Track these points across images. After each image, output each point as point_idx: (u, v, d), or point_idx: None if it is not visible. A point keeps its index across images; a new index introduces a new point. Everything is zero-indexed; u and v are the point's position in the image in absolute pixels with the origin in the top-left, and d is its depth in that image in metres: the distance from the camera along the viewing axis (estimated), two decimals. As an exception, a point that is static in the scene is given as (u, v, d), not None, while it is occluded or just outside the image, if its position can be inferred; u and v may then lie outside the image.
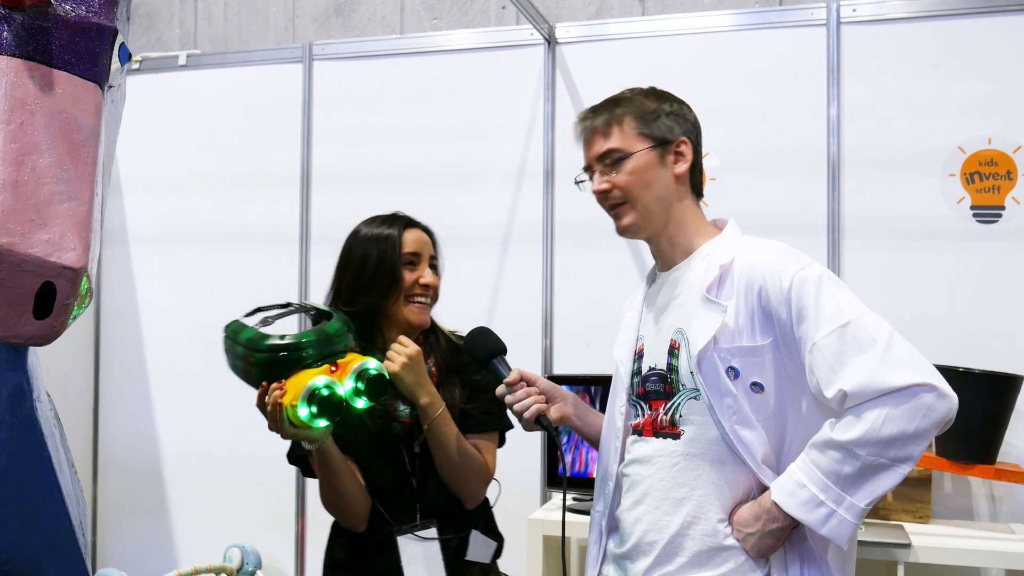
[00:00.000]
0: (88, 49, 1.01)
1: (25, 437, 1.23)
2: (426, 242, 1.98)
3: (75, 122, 0.98)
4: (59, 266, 0.93)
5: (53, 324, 0.96)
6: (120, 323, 3.74)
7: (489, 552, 1.96)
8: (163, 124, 3.68)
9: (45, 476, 1.25)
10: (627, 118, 1.64)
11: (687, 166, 1.64)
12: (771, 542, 1.51)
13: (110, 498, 3.76)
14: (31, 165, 0.92)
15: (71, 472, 1.39)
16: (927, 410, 1.39)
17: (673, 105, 1.67)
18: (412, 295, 1.93)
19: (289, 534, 3.49)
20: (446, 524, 1.90)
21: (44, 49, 0.97)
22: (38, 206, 0.92)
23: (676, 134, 1.64)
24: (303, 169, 3.52)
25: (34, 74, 0.95)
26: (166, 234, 3.69)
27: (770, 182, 3.02)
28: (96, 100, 1.01)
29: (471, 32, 3.42)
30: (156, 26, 4.01)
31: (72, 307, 0.96)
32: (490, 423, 1.96)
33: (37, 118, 0.94)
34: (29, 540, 1.25)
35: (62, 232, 0.93)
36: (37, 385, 1.27)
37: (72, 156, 0.96)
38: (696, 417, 1.55)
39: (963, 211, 2.87)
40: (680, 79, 3.12)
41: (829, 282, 1.50)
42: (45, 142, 0.94)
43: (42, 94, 0.95)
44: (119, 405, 3.74)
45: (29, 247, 0.91)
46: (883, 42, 2.96)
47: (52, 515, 1.27)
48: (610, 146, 1.64)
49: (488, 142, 3.32)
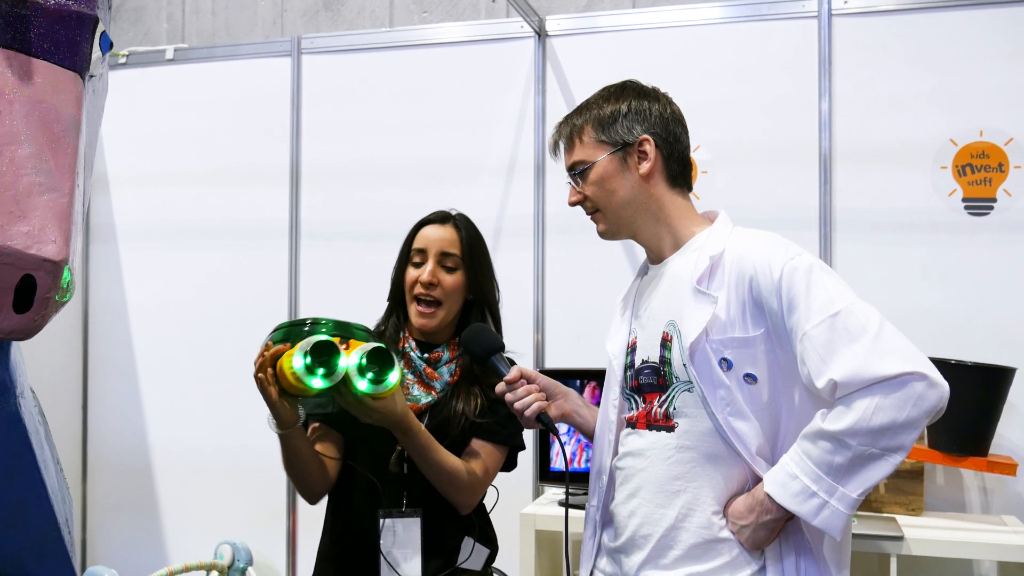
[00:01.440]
0: (68, 38, 0.98)
1: (8, 434, 1.21)
2: (438, 239, 1.91)
3: (55, 112, 0.96)
4: (39, 259, 0.91)
5: (34, 318, 0.94)
6: (109, 319, 3.71)
7: (481, 560, 1.93)
8: (151, 119, 3.66)
9: (29, 473, 1.23)
10: (586, 127, 1.65)
11: (651, 165, 1.62)
12: (765, 534, 1.50)
13: (99, 495, 3.73)
14: (9, 156, 0.90)
15: (56, 469, 1.37)
16: (918, 399, 1.38)
17: (633, 103, 1.64)
18: (413, 294, 1.90)
19: (280, 530, 3.48)
20: (432, 516, 1.87)
21: (23, 37, 0.95)
22: (17, 197, 0.90)
23: (636, 134, 1.62)
24: (292, 164, 3.50)
25: (12, 63, 0.93)
26: (154, 230, 3.67)
27: (762, 175, 3.02)
28: (77, 90, 0.99)
29: (461, 25, 3.41)
30: (143, 20, 3.97)
31: (53, 300, 0.95)
32: (500, 436, 1.92)
33: (16, 108, 0.92)
34: (13, 539, 1.23)
35: (42, 224, 0.91)
36: (20, 381, 1.25)
37: (52, 147, 0.94)
38: (690, 409, 1.54)
39: (955, 203, 2.87)
40: (671, 72, 3.13)
41: (820, 272, 1.49)
42: (24, 132, 0.92)
43: (21, 83, 0.93)
44: (108, 402, 3.72)
45: (8, 239, 0.89)
46: (874, 34, 2.96)
47: (37, 513, 1.25)
48: (574, 159, 1.67)
49: (479, 136, 3.31)
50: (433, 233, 1.92)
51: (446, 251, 1.91)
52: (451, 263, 1.92)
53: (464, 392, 1.90)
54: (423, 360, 1.92)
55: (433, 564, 1.85)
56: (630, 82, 1.70)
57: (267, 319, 3.45)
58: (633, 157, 1.62)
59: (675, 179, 1.66)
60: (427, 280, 1.88)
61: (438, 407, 1.90)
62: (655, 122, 1.64)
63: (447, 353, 1.93)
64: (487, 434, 1.90)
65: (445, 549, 1.89)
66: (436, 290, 1.89)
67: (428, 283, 1.88)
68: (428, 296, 1.89)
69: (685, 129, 1.69)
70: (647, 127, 1.63)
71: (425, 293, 1.89)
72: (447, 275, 1.90)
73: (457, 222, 1.96)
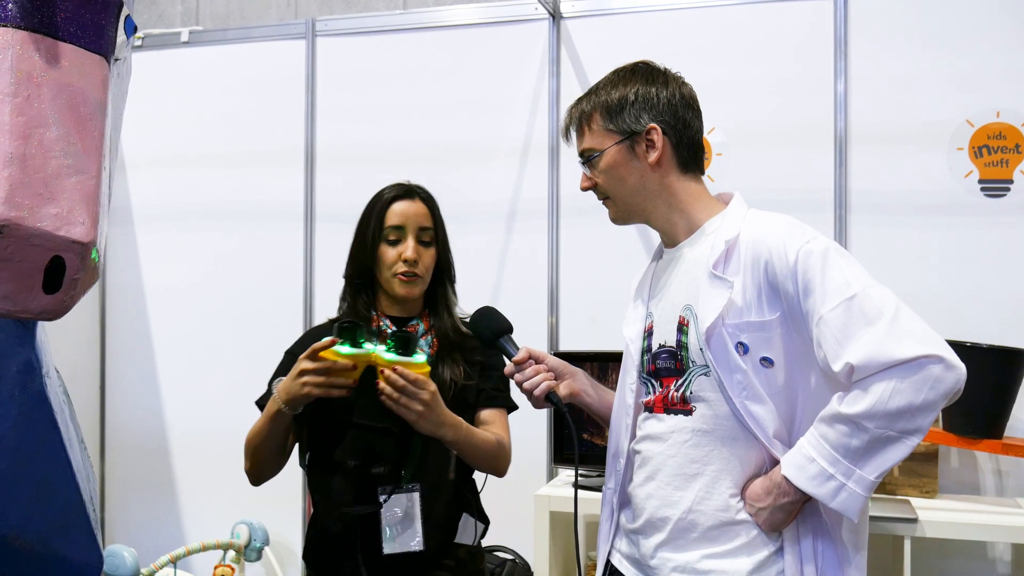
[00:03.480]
0: (93, 21, 0.99)
1: (35, 413, 1.23)
2: (415, 214, 1.92)
3: (82, 95, 0.96)
4: (68, 240, 0.92)
5: (63, 299, 0.95)
6: (126, 301, 3.74)
7: (476, 534, 1.96)
8: (166, 101, 3.66)
9: (55, 452, 1.25)
10: (595, 115, 1.65)
11: (658, 154, 1.61)
12: (783, 516, 1.51)
13: (117, 475, 3.77)
14: (38, 138, 0.91)
15: (81, 448, 1.39)
16: (935, 381, 1.38)
17: (640, 90, 1.63)
18: (395, 270, 1.90)
19: (296, 510, 3.51)
20: (430, 492, 1.88)
21: (49, 21, 0.95)
22: (46, 180, 0.91)
23: (644, 122, 1.61)
24: (307, 146, 3.51)
25: (40, 46, 0.94)
26: (170, 212, 3.69)
27: (776, 157, 3.01)
28: (103, 73, 0.99)
29: (475, 7, 3.40)
30: (158, 2, 3.98)
31: (81, 281, 0.96)
32: (500, 399, 1.97)
33: (43, 91, 0.93)
34: (40, 516, 1.25)
35: (70, 206, 0.92)
36: (46, 361, 1.27)
37: (79, 129, 0.95)
38: (707, 393, 1.55)
39: (971, 185, 2.86)
40: (686, 53, 3.11)
41: (835, 255, 1.49)
42: (52, 115, 0.93)
43: (48, 67, 0.94)
44: (126, 383, 3.75)
45: (38, 221, 0.90)
46: (890, 15, 2.94)
47: (63, 491, 1.27)
48: (584, 146, 1.68)
49: (493, 118, 3.31)
50: (408, 209, 1.92)
51: (423, 226, 1.93)
52: (427, 237, 1.93)
53: (448, 360, 1.93)
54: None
55: (432, 539, 1.87)
56: (640, 64, 1.69)
57: (282, 301, 3.50)
58: (641, 146, 1.62)
59: (686, 165, 1.65)
60: (412, 257, 1.89)
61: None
62: (663, 109, 1.62)
63: (422, 325, 1.96)
64: (490, 400, 1.95)
65: (444, 524, 1.91)
66: (418, 266, 1.90)
67: (413, 259, 1.89)
68: (412, 272, 1.90)
69: (697, 112, 1.67)
70: (655, 115, 1.62)
71: (409, 270, 1.89)
72: (425, 249, 1.92)
73: (423, 195, 1.97)
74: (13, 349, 1.20)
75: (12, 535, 1.22)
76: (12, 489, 1.21)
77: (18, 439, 1.20)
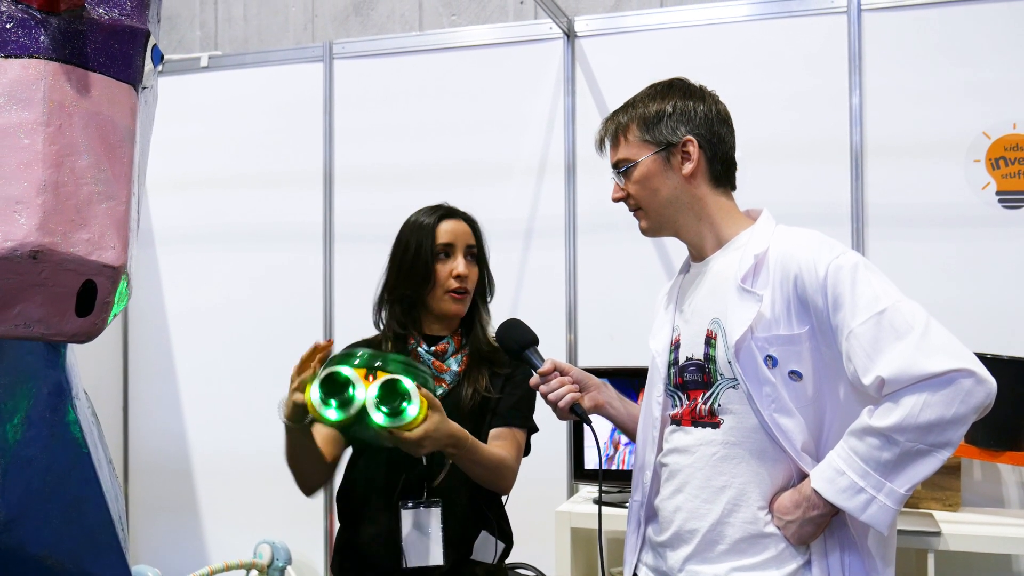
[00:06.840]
0: (122, 51, 1.02)
1: (65, 434, 1.25)
2: (462, 232, 1.99)
3: (111, 123, 0.99)
4: (99, 264, 0.95)
5: (95, 322, 0.98)
6: (148, 323, 3.78)
7: (496, 553, 1.96)
8: (186, 126, 3.71)
9: (85, 472, 1.28)
10: (631, 126, 1.67)
11: (693, 166, 1.63)
12: (811, 529, 1.51)
13: (141, 496, 3.80)
14: (70, 166, 0.94)
15: (109, 468, 1.42)
16: (965, 395, 1.39)
17: (678, 103, 1.66)
18: (447, 287, 1.95)
19: (318, 529, 3.52)
20: (451, 509, 1.89)
21: (80, 52, 0.98)
22: (78, 206, 0.94)
23: (681, 134, 1.64)
24: (325, 167, 3.54)
25: (71, 77, 0.97)
26: (191, 235, 3.73)
27: (792, 171, 3.02)
28: (131, 101, 1.03)
29: (490, 27, 3.43)
30: (177, 28, 4.04)
31: (112, 304, 0.98)
32: (516, 420, 1.96)
33: (75, 120, 0.96)
34: (71, 535, 1.27)
35: (102, 231, 0.95)
36: (75, 383, 1.30)
37: (109, 156, 0.98)
38: (735, 406, 1.55)
39: (988, 197, 2.86)
40: (700, 70, 3.10)
41: (864, 270, 1.50)
42: (83, 143, 0.96)
43: (79, 96, 0.97)
44: (148, 404, 3.78)
45: (71, 246, 0.93)
46: (904, 28, 2.94)
47: (93, 510, 1.29)
48: (619, 156, 1.69)
49: (509, 137, 3.33)
50: (456, 228, 1.99)
51: (470, 244, 2.00)
52: (472, 255, 2.00)
53: (475, 375, 1.96)
54: (430, 354, 1.97)
55: (451, 556, 1.88)
56: (677, 80, 1.72)
57: (302, 321, 3.53)
58: (676, 157, 1.64)
59: (719, 179, 1.68)
60: (464, 272, 1.95)
61: (450, 397, 1.94)
62: (699, 123, 1.65)
63: (452, 344, 1.99)
64: (504, 420, 1.95)
65: (463, 541, 1.92)
66: (467, 281, 1.97)
67: (464, 275, 1.95)
68: (463, 288, 1.96)
69: (731, 129, 1.70)
70: (691, 128, 1.65)
71: (460, 286, 1.95)
72: (472, 267, 1.99)
73: (465, 217, 2.03)
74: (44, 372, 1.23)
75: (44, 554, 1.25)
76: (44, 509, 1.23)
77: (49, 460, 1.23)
